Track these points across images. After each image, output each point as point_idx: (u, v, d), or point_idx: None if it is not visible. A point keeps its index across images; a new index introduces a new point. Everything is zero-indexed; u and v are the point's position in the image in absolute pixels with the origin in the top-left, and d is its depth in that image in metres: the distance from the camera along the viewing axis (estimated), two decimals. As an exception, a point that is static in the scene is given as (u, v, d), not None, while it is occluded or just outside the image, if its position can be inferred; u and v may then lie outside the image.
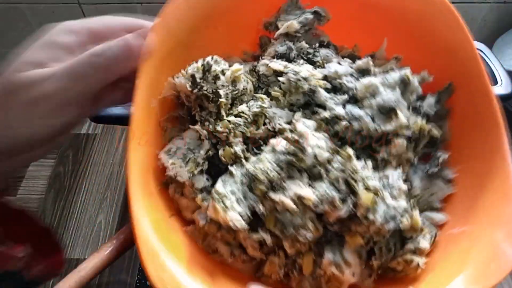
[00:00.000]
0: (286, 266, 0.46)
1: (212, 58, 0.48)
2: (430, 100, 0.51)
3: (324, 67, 0.52)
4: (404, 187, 0.45)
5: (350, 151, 0.45)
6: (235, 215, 0.42)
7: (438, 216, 0.48)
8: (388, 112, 0.47)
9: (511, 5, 1.06)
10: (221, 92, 0.47)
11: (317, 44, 0.55)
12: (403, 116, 0.47)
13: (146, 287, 0.75)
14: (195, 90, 0.47)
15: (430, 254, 0.46)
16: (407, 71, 0.49)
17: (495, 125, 0.46)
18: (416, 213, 0.44)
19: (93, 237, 0.92)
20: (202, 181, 0.47)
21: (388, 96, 0.47)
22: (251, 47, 0.57)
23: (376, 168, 0.47)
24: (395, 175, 0.46)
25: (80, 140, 1.06)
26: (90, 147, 1.04)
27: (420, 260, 0.44)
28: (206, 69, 0.47)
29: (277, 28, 0.54)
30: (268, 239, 0.44)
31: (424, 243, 0.45)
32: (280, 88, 0.50)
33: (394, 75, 0.49)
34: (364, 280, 0.45)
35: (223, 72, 0.48)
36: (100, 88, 0.45)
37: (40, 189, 0.97)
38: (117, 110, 0.79)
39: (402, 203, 0.44)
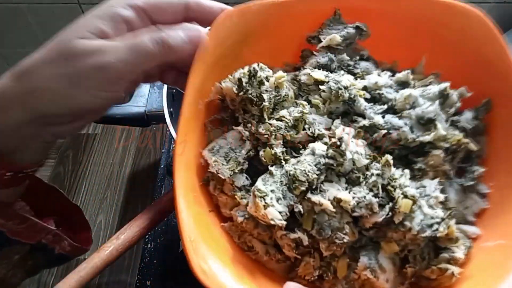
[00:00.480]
0: (320, 268, 0.47)
1: (258, 65, 0.51)
2: (468, 115, 0.52)
3: (364, 79, 0.54)
4: (442, 197, 0.46)
5: (389, 157, 0.46)
6: (275, 212, 0.44)
7: (472, 229, 0.49)
8: (427, 123, 0.49)
9: (511, 5, 1.07)
10: (265, 96, 0.49)
11: (358, 58, 0.57)
12: (441, 128, 0.48)
13: (146, 287, 0.75)
14: (241, 93, 0.49)
15: (463, 265, 0.46)
16: (446, 85, 0.50)
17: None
18: (452, 222, 0.45)
19: (93, 237, 0.91)
20: (242, 179, 0.49)
21: (428, 107, 0.49)
22: (293, 59, 0.60)
23: (413, 178, 0.48)
24: (432, 185, 0.47)
25: (80, 140, 1.05)
26: (90, 147, 1.04)
27: (455, 269, 0.44)
28: (252, 74, 0.50)
29: (320, 41, 0.56)
30: (305, 239, 0.45)
31: (459, 253, 0.45)
32: (320, 96, 0.52)
33: (434, 88, 0.51)
34: (397, 287, 0.46)
35: (267, 78, 0.50)
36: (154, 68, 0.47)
37: (41, 189, 0.96)
38: (117, 110, 0.80)
39: (440, 212, 0.45)
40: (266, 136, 0.49)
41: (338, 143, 0.46)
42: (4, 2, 1.15)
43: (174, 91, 0.74)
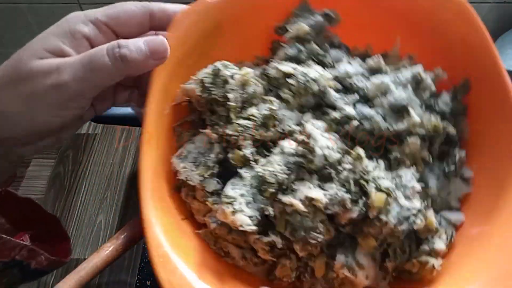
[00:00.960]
0: (298, 269, 0.46)
1: (221, 63, 0.49)
2: (445, 97, 0.50)
3: (335, 68, 0.52)
4: (418, 187, 0.44)
5: (360, 151, 0.44)
6: (244, 218, 0.42)
7: (456, 216, 0.47)
8: (400, 110, 0.47)
9: (511, 5, 1.06)
10: (230, 95, 0.47)
11: (328, 46, 0.55)
12: (415, 114, 0.46)
13: (146, 287, 0.75)
14: (205, 95, 0.47)
15: (447, 255, 0.45)
16: (419, 68, 0.48)
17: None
18: (430, 213, 0.43)
19: (93, 237, 0.91)
20: (213, 184, 0.47)
21: (400, 94, 0.47)
22: (263, 52, 0.57)
23: (389, 168, 0.46)
24: (408, 175, 0.45)
25: (80, 140, 1.06)
26: (90, 147, 1.04)
27: (435, 261, 0.43)
28: (215, 73, 0.48)
29: (288, 32, 0.54)
30: (278, 242, 0.44)
31: (439, 244, 0.44)
32: (290, 90, 0.50)
33: (406, 73, 0.48)
34: (379, 282, 0.45)
35: (232, 76, 0.48)
36: (114, 84, 0.45)
37: (40, 189, 0.97)
38: (117, 110, 0.79)
39: (416, 203, 0.43)
40: (234, 137, 0.47)
41: (306, 140, 0.44)
42: (4, 2, 1.15)
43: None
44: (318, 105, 0.50)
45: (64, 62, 0.41)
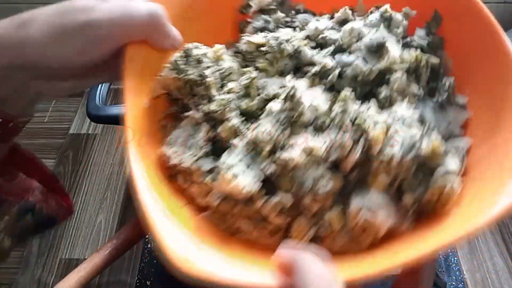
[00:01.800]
0: (314, 225, 0.43)
1: (192, 44, 0.48)
2: (420, 32, 0.51)
3: (304, 29, 0.52)
4: (416, 113, 0.43)
5: (346, 92, 0.43)
6: (246, 179, 0.41)
7: (462, 141, 0.45)
8: (378, 49, 0.46)
9: (511, 5, 1.05)
10: (207, 72, 0.47)
11: (293, 12, 0.56)
12: (394, 49, 0.46)
13: (146, 287, 0.73)
14: (181, 76, 0.47)
15: (464, 175, 0.42)
16: (386, 6, 0.49)
17: (492, 37, 0.45)
18: (434, 135, 0.41)
19: (93, 237, 0.91)
20: (208, 163, 0.46)
21: (375, 33, 0.47)
22: (234, 37, 0.57)
23: (382, 108, 0.45)
24: (403, 106, 0.44)
25: (80, 140, 1.06)
26: (90, 147, 1.04)
27: (454, 181, 0.40)
28: (188, 54, 0.47)
29: (252, 7, 0.55)
30: (288, 198, 0.41)
31: (452, 164, 0.41)
32: (267, 59, 0.49)
33: (375, 15, 0.49)
34: (402, 223, 0.42)
35: (205, 55, 0.48)
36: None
37: (41, 189, 0.96)
38: (117, 110, 0.79)
39: (417, 129, 0.41)
40: (219, 111, 0.46)
41: (292, 92, 0.43)
42: (4, 2, 1.16)
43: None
44: (297, 68, 0.50)
45: (102, 4, 0.43)
